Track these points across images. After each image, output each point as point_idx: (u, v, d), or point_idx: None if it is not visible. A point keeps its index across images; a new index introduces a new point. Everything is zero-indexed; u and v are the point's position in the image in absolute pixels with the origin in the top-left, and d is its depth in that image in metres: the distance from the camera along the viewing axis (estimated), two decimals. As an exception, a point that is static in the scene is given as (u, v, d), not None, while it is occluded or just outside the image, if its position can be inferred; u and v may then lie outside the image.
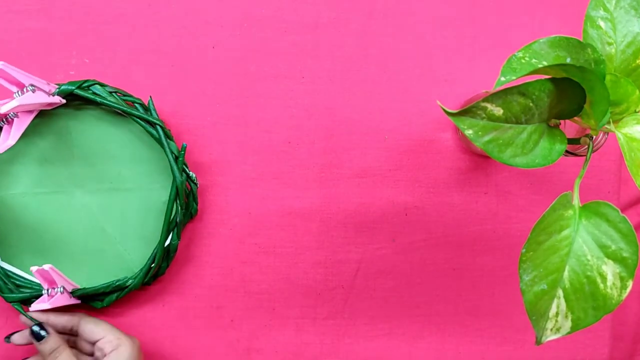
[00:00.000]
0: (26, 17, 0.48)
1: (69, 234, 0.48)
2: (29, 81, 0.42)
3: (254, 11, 0.50)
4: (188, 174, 0.47)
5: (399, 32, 0.50)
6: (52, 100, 0.44)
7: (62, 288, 0.45)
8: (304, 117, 0.50)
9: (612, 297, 0.31)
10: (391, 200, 0.51)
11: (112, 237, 0.49)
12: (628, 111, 0.33)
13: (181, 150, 0.46)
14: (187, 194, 0.48)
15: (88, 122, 0.48)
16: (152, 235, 0.48)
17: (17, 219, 0.48)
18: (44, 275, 0.44)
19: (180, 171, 0.46)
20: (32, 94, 0.42)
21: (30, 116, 0.45)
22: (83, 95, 0.46)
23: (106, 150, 0.48)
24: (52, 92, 0.45)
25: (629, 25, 0.34)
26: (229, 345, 0.51)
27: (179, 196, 0.47)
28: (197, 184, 0.48)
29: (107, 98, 0.46)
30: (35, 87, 0.43)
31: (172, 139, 0.47)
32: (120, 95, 0.47)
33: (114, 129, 0.48)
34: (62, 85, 0.46)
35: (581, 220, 0.32)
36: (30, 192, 0.48)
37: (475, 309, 0.52)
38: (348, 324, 0.51)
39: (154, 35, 0.49)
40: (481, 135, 0.31)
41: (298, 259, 0.51)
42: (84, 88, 0.46)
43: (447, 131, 0.51)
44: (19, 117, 0.44)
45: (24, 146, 0.48)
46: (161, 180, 0.49)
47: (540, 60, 0.32)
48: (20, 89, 0.42)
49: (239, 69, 0.50)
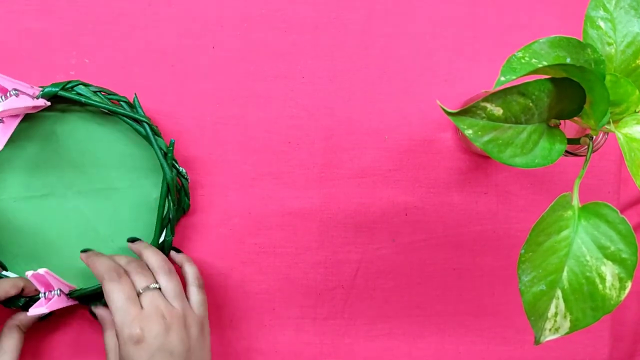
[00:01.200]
0: (26, 17, 0.48)
1: (62, 236, 0.48)
2: (12, 85, 0.42)
3: (254, 11, 0.50)
4: (178, 169, 0.47)
5: (399, 32, 0.50)
6: (36, 104, 0.44)
7: (58, 291, 0.45)
8: (304, 117, 0.50)
9: (611, 298, 0.31)
10: (391, 200, 0.51)
11: (105, 237, 0.49)
12: (628, 111, 0.33)
13: (170, 146, 0.46)
14: (178, 190, 0.48)
15: (75, 123, 0.48)
16: (146, 233, 0.49)
17: (9, 223, 0.48)
18: (40, 279, 0.43)
19: (170, 167, 0.46)
20: (16, 98, 0.42)
21: (15, 121, 0.44)
22: (67, 96, 0.45)
23: (94, 151, 0.48)
24: (36, 95, 0.44)
25: (629, 25, 0.34)
26: (229, 345, 0.51)
27: (170, 192, 0.46)
28: (188, 179, 0.48)
29: (92, 98, 0.46)
30: (19, 91, 0.42)
31: (159, 135, 0.47)
32: (104, 94, 0.47)
33: (101, 128, 0.48)
34: (46, 87, 0.45)
35: (580, 221, 0.32)
36: (21, 197, 0.48)
37: (475, 309, 0.52)
38: (348, 324, 0.51)
39: (154, 35, 0.49)
40: (481, 135, 0.31)
41: (298, 259, 0.51)
42: (67, 89, 0.46)
43: (447, 131, 0.51)
44: (4, 122, 0.43)
45: (11, 151, 0.47)
46: (151, 177, 0.49)
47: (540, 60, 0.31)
48: (3, 94, 0.42)
49: (239, 69, 0.50)
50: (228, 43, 0.49)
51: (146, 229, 0.49)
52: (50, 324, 0.49)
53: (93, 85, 0.47)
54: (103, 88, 0.47)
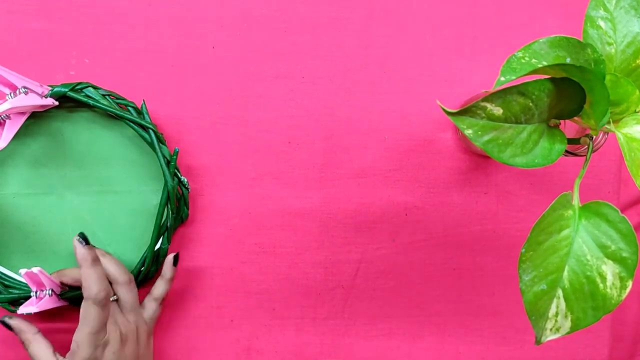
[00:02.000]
0: (26, 17, 0.48)
1: (59, 236, 0.48)
2: (22, 83, 0.42)
3: (254, 11, 0.50)
4: (179, 178, 0.47)
5: (399, 32, 0.50)
6: (44, 103, 0.44)
7: (50, 291, 0.44)
8: (304, 117, 0.50)
9: (612, 297, 0.31)
10: (391, 200, 0.51)
11: (101, 239, 0.49)
12: (628, 111, 0.33)
13: (173, 155, 0.46)
14: (178, 199, 0.48)
15: (80, 125, 0.48)
16: (142, 238, 0.48)
17: (7, 219, 0.48)
18: (33, 277, 0.43)
19: (171, 175, 0.46)
20: (25, 96, 0.42)
21: (22, 118, 0.44)
22: (76, 97, 0.45)
23: (98, 153, 0.48)
24: (44, 94, 0.45)
25: (629, 25, 0.34)
26: (229, 345, 0.51)
27: (170, 201, 0.47)
28: (189, 189, 0.48)
29: (100, 101, 0.46)
30: (28, 89, 0.42)
31: (164, 143, 0.47)
32: (113, 98, 0.47)
33: (106, 131, 0.48)
34: (55, 87, 0.45)
35: (581, 220, 0.32)
36: (21, 193, 0.48)
37: (475, 309, 0.52)
38: (348, 324, 0.51)
39: (154, 35, 0.49)
40: (481, 135, 0.31)
41: (298, 259, 0.51)
42: (76, 90, 0.46)
43: (447, 131, 0.51)
44: (11, 119, 0.43)
45: (15, 147, 0.48)
46: (152, 184, 0.49)
47: (540, 60, 0.31)
48: (12, 91, 0.42)
49: (239, 69, 0.50)
50: (228, 43, 0.49)
51: (143, 235, 0.49)
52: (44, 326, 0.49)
53: (102, 89, 0.47)
54: (112, 92, 0.47)
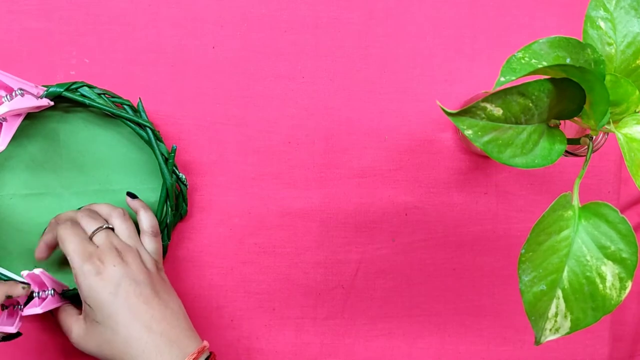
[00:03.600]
0: (26, 17, 0.48)
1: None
2: (18, 85, 0.42)
3: (254, 11, 0.50)
4: (178, 175, 0.47)
5: (399, 32, 0.50)
6: (40, 103, 0.44)
7: (52, 290, 0.44)
8: (304, 117, 0.50)
9: (612, 298, 0.31)
10: (391, 200, 0.51)
11: None
12: (628, 111, 0.33)
13: (171, 152, 0.46)
14: (176, 196, 0.48)
15: (76, 124, 0.48)
16: None
17: (4, 220, 0.48)
18: (35, 278, 0.43)
19: (170, 173, 0.46)
20: (21, 97, 0.42)
21: (18, 119, 0.44)
22: (71, 97, 0.45)
23: (95, 152, 0.48)
24: (40, 94, 0.44)
25: (629, 26, 0.34)
26: (229, 345, 0.51)
27: (169, 198, 0.47)
28: (187, 185, 0.48)
29: (96, 100, 0.46)
30: (24, 90, 0.42)
31: (161, 141, 0.47)
32: (109, 97, 0.47)
33: (103, 131, 0.48)
34: (50, 87, 0.45)
35: (581, 220, 0.32)
36: (19, 194, 0.48)
37: (475, 309, 0.52)
38: (348, 324, 0.51)
39: (154, 35, 0.49)
40: (481, 136, 0.31)
41: (298, 259, 0.51)
42: (72, 90, 0.46)
43: (447, 131, 0.51)
44: (7, 121, 0.43)
45: (12, 148, 0.47)
46: (150, 181, 0.49)
47: (540, 60, 0.31)
48: (8, 93, 0.42)
49: (239, 69, 0.50)
50: (228, 43, 0.49)
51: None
52: (44, 325, 0.49)
53: (97, 87, 0.47)
54: (107, 90, 0.47)
